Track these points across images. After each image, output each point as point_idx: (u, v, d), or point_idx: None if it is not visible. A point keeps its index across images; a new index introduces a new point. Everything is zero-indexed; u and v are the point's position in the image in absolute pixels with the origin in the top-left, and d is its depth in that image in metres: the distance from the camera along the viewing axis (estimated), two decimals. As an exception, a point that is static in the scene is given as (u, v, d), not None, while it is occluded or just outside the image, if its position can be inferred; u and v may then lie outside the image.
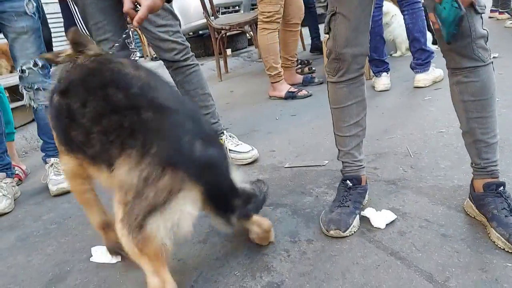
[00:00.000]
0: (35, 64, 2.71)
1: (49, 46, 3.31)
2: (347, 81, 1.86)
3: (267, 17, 4.11)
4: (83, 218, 2.33)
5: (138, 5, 1.77)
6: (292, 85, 4.45)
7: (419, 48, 3.72)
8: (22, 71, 2.72)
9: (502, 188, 1.67)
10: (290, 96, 4.24)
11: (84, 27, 2.63)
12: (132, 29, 1.84)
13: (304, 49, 7.00)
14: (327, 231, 1.81)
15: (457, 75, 1.66)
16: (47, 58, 1.86)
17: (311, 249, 1.76)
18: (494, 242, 1.57)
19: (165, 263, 1.38)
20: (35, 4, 2.73)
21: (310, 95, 4.23)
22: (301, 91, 4.27)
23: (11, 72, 5.08)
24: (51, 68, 2.83)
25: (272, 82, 4.36)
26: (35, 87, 2.74)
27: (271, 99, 4.41)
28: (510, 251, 1.51)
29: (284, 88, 4.32)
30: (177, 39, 2.56)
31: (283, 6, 4.12)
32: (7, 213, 2.64)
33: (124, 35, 1.88)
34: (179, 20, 2.62)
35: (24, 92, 2.79)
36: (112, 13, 2.54)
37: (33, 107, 2.85)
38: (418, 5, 3.76)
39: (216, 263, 1.76)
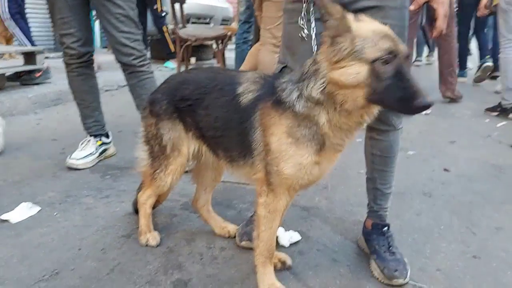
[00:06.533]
0: None
1: None
2: None
3: (280, 42, 4.26)
4: (16, 196, 2.45)
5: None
6: None
7: None
8: None
9: (386, 228, 1.99)
10: None
11: None
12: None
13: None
14: (239, 241, 2.05)
15: (372, 131, 1.94)
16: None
17: (222, 255, 1.99)
18: (372, 271, 1.88)
19: None
20: None
21: None
22: None
23: None
24: None
25: None
26: None
27: None
28: (382, 280, 1.82)
29: None
30: (136, 46, 2.76)
31: None
32: None
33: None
34: (141, 30, 2.82)
35: None
36: (79, 11, 2.73)
37: None
38: None
39: (135, 256, 1.95)
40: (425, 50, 10.43)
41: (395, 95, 1.31)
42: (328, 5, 1.34)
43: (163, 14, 6.43)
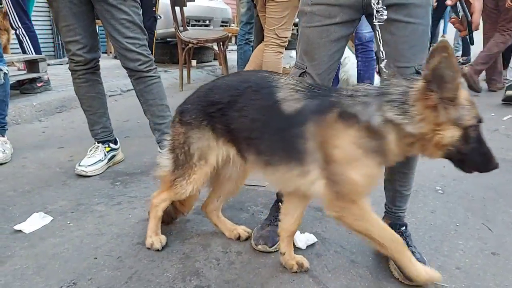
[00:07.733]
0: None
1: None
2: None
3: (285, 42, 4.27)
4: (27, 206, 2.43)
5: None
6: None
7: None
8: None
9: (403, 228, 1.97)
10: None
11: None
12: None
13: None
14: (255, 245, 2.03)
15: None
16: None
17: (239, 260, 1.97)
18: (391, 272, 1.86)
19: None
20: None
21: None
22: None
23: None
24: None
25: None
26: None
27: None
28: (402, 281, 1.80)
29: None
30: (143, 51, 2.75)
31: None
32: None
33: None
34: (146, 35, 2.81)
35: None
36: (84, 18, 2.71)
37: None
38: (372, 54, 4.15)
39: (151, 264, 1.93)
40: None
41: (476, 158, 1.53)
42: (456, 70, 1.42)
43: (158, 18, 6.47)
